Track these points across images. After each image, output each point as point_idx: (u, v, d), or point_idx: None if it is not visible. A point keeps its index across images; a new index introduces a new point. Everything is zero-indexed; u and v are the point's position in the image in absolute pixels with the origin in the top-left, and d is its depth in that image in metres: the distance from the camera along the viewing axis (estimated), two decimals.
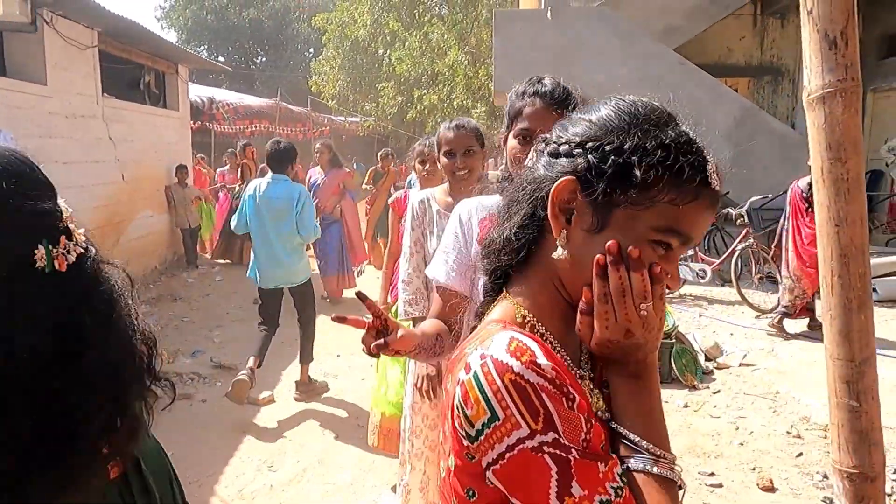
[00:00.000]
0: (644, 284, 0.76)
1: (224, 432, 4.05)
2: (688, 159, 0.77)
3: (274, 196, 4.31)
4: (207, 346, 5.73)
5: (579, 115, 0.86)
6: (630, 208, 0.77)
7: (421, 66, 17.15)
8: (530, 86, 1.55)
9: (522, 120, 1.53)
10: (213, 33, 30.14)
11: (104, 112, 7.35)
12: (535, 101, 1.52)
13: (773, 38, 10.40)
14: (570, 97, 1.52)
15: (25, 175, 1.29)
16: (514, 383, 0.71)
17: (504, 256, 0.89)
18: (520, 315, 0.85)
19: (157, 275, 8.47)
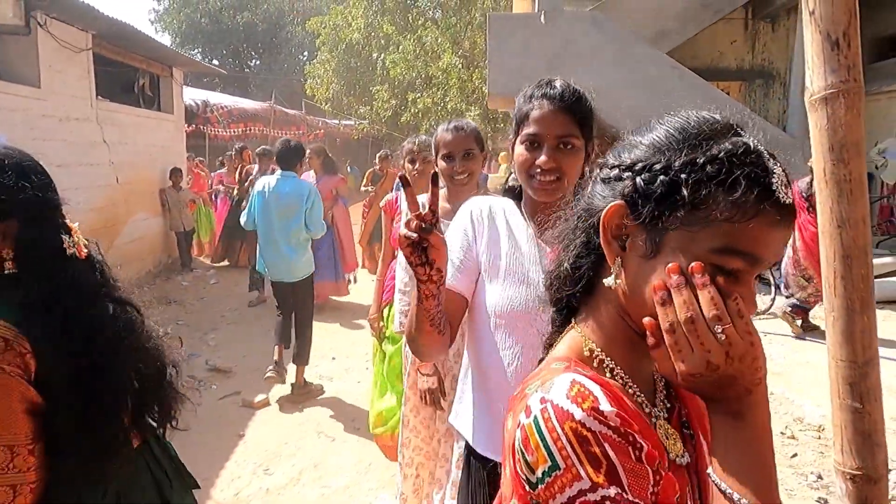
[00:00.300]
0: (715, 304, 0.67)
1: (219, 436, 4.02)
2: (743, 171, 0.69)
3: (283, 192, 4.43)
4: (202, 349, 5.69)
5: (633, 138, 0.82)
6: (684, 230, 0.71)
7: (415, 69, 17.15)
8: (538, 88, 1.43)
9: (530, 125, 1.41)
10: (208, 36, 30.06)
11: (98, 115, 7.31)
12: (543, 104, 1.40)
13: (764, 41, 10.45)
14: (582, 99, 1.42)
15: (44, 171, 1.38)
16: (575, 432, 0.67)
17: (566, 287, 0.85)
18: (587, 348, 0.81)
19: (152, 278, 8.42)
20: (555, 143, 1.39)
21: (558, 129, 1.38)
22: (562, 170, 1.39)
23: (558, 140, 1.39)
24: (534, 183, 1.42)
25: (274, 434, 4.08)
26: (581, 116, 1.41)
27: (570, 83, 1.44)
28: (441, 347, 1.38)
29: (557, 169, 1.39)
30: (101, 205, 7.31)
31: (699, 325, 0.67)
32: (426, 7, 19.21)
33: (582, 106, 1.41)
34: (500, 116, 16.45)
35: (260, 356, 5.51)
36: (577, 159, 1.42)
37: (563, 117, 1.39)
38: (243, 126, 14.32)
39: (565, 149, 1.40)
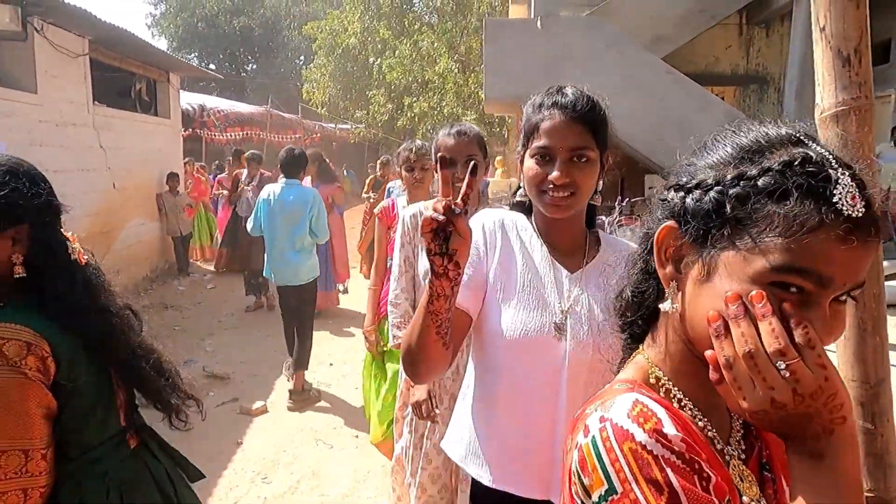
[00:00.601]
0: (777, 336, 0.60)
1: (217, 443, 3.98)
2: (796, 181, 0.62)
3: (288, 199, 4.53)
4: (199, 354, 5.65)
5: (691, 159, 0.76)
6: (737, 249, 0.65)
7: (411, 73, 17.15)
8: (548, 97, 1.32)
9: (540, 136, 1.29)
10: (204, 41, 30.01)
11: (95, 120, 7.26)
12: (554, 114, 1.28)
13: (758, 47, 10.47)
14: (596, 108, 1.30)
15: (46, 178, 1.40)
16: (635, 454, 0.62)
17: (629, 312, 0.82)
18: (653, 376, 0.76)
19: (149, 283, 8.37)
20: (568, 156, 1.28)
21: (571, 142, 1.28)
22: (576, 184, 1.29)
23: (571, 153, 1.28)
24: (546, 199, 1.31)
25: (272, 442, 4.04)
26: (595, 126, 1.30)
27: (582, 90, 1.32)
28: (442, 364, 1.24)
29: (571, 184, 1.28)
30: (98, 210, 7.27)
31: (760, 360, 0.60)
32: (422, 12, 19.23)
33: (596, 115, 1.30)
34: (496, 121, 16.46)
35: (258, 362, 5.48)
36: (592, 173, 1.31)
37: (577, 128, 1.28)
38: (240, 130, 14.27)
39: (579, 162, 1.28)
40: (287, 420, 4.36)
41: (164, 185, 8.85)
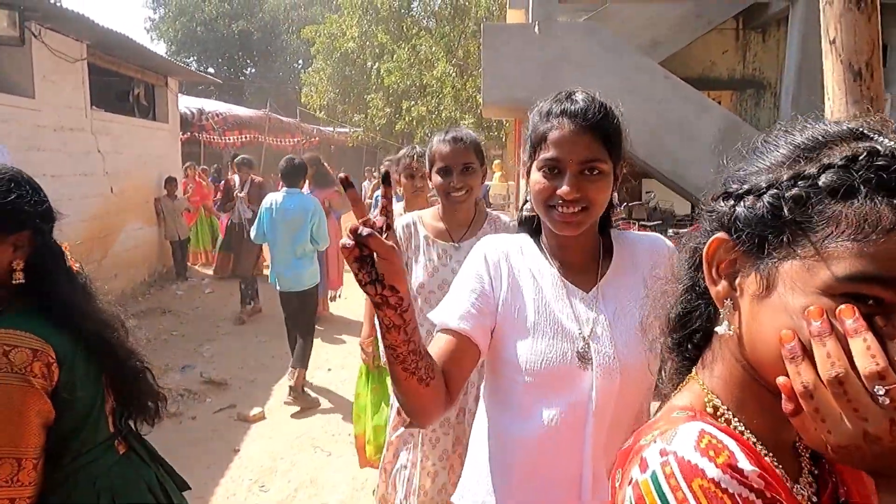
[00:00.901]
0: (875, 356, 0.50)
1: (214, 451, 3.94)
2: (864, 176, 0.55)
3: (289, 208, 4.66)
4: (197, 360, 5.60)
5: (740, 164, 0.69)
6: (801, 257, 0.57)
7: (409, 77, 17.12)
8: (556, 103, 1.20)
9: (549, 148, 1.18)
10: (203, 45, 29.96)
11: (93, 125, 7.22)
12: (563, 122, 1.17)
13: (755, 52, 10.47)
14: (609, 116, 1.19)
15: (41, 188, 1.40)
16: (707, 492, 0.54)
17: (675, 335, 0.73)
18: (710, 404, 0.67)
19: (146, 287, 8.32)
20: (578, 168, 1.17)
21: (582, 153, 1.16)
22: (588, 199, 1.17)
23: (582, 165, 1.17)
24: (554, 215, 1.19)
25: (269, 449, 4.00)
26: (608, 136, 1.18)
27: (594, 96, 1.20)
28: (430, 403, 1.06)
29: (582, 199, 1.17)
30: (96, 214, 7.22)
31: (851, 386, 0.51)
32: (420, 16, 19.21)
33: (609, 123, 1.19)
34: (493, 124, 16.44)
35: (256, 368, 5.44)
36: (606, 186, 1.20)
37: (588, 138, 1.16)
38: (238, 134, 14.22)
39: (591, 175, 1.17)
40: (285, 427, 4.32)
41: (163, 190, 8.81)
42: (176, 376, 5.18)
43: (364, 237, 0.85)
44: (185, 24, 29.36)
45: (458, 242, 2.21)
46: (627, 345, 1.20)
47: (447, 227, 2.22)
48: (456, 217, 2.23)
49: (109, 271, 7.44)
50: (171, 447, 3.97)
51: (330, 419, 4.44)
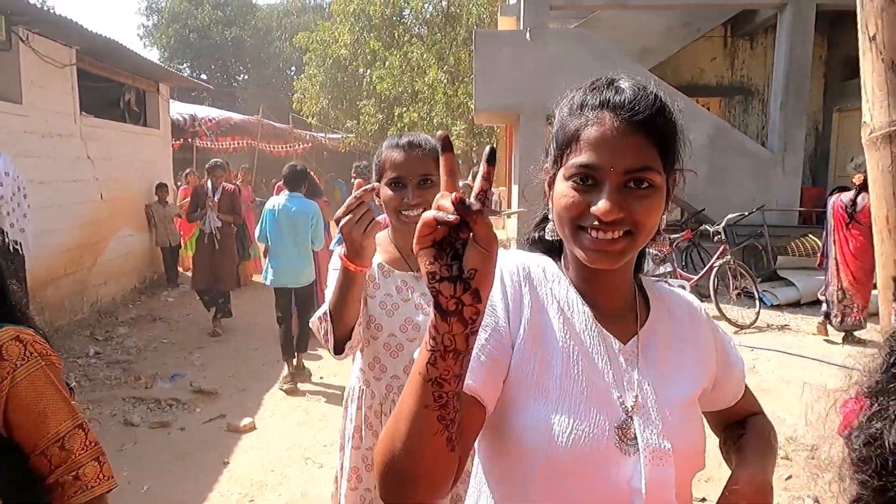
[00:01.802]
0: None
1: (203, 463, 3.79)
2: None
3: (291, 210, 5.03)
4: (187, 368, 5.45)
5: None
6: None
7: (401, 84, 17.02)
8: (594, 92, 0.89)
9: (581, 150, 0.86)
10: (196, 51, 29.77)
11: (82, 131, 7.06)
12: (603, 117, 0.86)
13: (742, 59, 10.45)
14: (665, 110, 0.87)
15: None
16: None
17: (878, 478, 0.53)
18: None
19: (137, 294, 8.15)
20: (622, 180, 0.85)
21: (628, 160, 0.84)
22: (634, 221, 0.85)
23: (628, 176, 0.85)
24: (586, 240, 0.86)
25: (260, 461, 3.86)
26: (664, 137, 0.87)
27: (646, 84, 0.89)
28: (449, 475, 0.77)
29: (626, 220, 0.85)
30: (85, 221, 7.05)
31: None
32: (412, 24, 19.12)
33: (666, 120, 0.87)
34: (484, 130, 16.36)
35: (246, 376, 5.29)
36: (657, 205, 0.87)
37: (637, 140, 0.85)
38: (231, 139, 14.08)
39: (638, 189, 0.85)
40: (275, 438, 4.18)
41: (154, 196, 8.65)
42: (165, 385, 5.03)
43: (473, 211, 0.61)
44: (178, 31, 29.17)
45: (417, 271, 1.73)
46: (680, 422, 0.91)
47: (401, 252, 1.76)
48: (411, 240, 1.62)
49: (99, 278, 7.28)
50: (159, 460, 3.85)
51: (322, 430, 4.30)
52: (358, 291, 1.53)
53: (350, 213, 1.42)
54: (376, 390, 1.77)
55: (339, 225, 1.42)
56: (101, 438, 1.34)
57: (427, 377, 0.68)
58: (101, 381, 5.12)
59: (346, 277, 1.50)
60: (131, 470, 3.66)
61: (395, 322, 1.72)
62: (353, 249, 1.45)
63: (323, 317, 1.58)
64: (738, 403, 1.09)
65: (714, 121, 8.71)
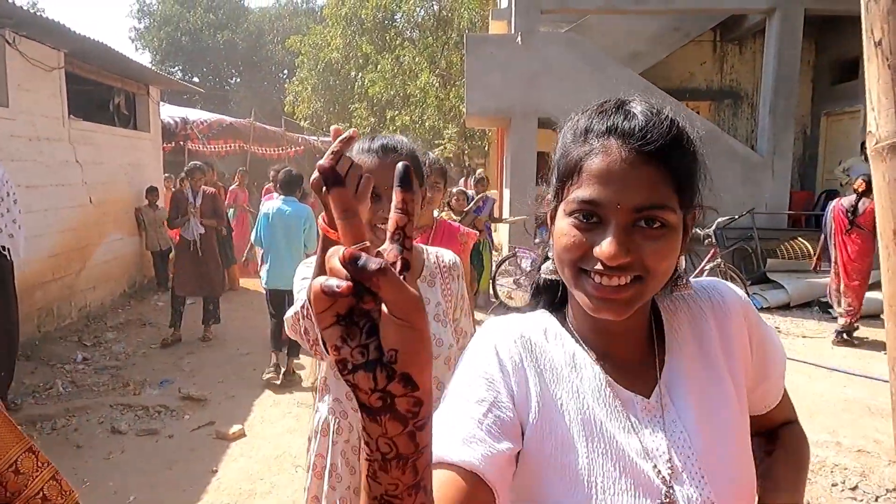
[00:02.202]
0: None
1: (191, 472, 3.71)
2: None
3: (286, 213, 5.14)
4: (176, 374, 5.36)
5: None
6: None
7: (393, 87, 16.99)
8: (601, 116, 0.77)
9: (584, 183, 0.75)
10: (188, 55, 29.61)
11: (71, 134, 6.96)
12: (610, 146, 0.74)
13: (731, 63, 10.47)
14: (683, 138, 0.75)
15: None
16: None
17: None
18: None
19: (126, 298, 8.04)
20: (630, 218, 0.73)
21: (638, 196, 0.72)
22: (644, 265, 0.73)
23: (637, 214, 0.73)
24: (588, 286, 0.75)
25: (248, 469, 3.78)
26: (681, 170, 0.75)
27: (660, 108, 0.77)
28: None
29: (635, 264, 0.73)
30: (74, 225, 6.95)
31: None
32: (404, 28, 19.10)
33: (683, 150, 0.75)
34: (476, 133, 16.33)
35: (236, 382, 5.22)
36: (671, 247, 0.74)
37: (649, 172, 0.72)
38: (223, 142, 13.95)
39: (649, 228, 0.73)
40: (265, 445, 4.11)
41: (144, 200, 8.54)
42: (153, 392, 4.95)
43: (370, 271, 0.43)
44: (169, 34, 29.00)
45: None
46: (729, 468, 0.77)
47: None
48: None
49: (88, 283, 7.17)
50: (146, 469, 3.77)
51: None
52: None
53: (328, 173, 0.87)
54: (356, 423, 1.54)
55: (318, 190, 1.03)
56: (89, 446, 1.31)
57: (372, 495, 0.50)
58: (88, 388, 5.02)
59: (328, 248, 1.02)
60: (118, 479, 3.58)
61: None
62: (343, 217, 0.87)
63: (299, 314, 1.33)
64: (772, 410, 0.92)
65: (704, 125, 8.71)
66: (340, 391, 1.58)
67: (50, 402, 4.70)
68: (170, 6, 29.22)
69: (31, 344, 5.81)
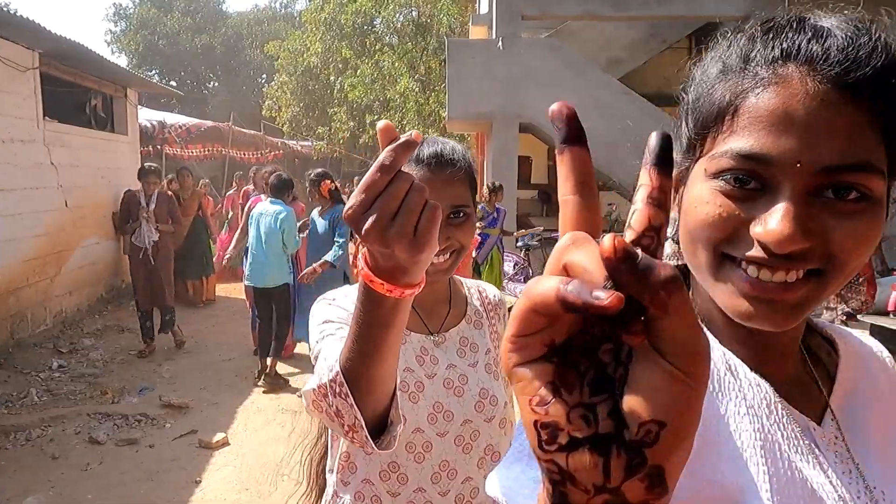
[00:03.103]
0: None
1: (173, 483, 3.56)
2: None
3: (269, 213, 5.14)
4: (156, 381, 5.18)
5: None
6: None
7: (373, 92, 16.86)
8: (774, 35, 0.52)
9: (742, 130, 0.51)
10: (165, 58, 29.13)
11: (46, 136, 6.71)
12: (789, 75, 0.50)
13: None
14: None
15: None
16: None
17: None
18: None
19: (103, 304, 7.78)
20: (814, 183, 0.49)
21: (832, 151, 0.48)
22: (828, 255, 0.50)
23: (826, 178, 0.49)
24: (738, 280, 0.52)
25: (233, 479, 3.64)
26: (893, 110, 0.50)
27: (862, 22, 0.51)
28: None
29: (816, 252, 0.50)
30: (49, 230, 6.70)
31: None
32: (383, 33, 18.99)
33: None
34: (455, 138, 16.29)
35: (218, 388, 5.06)
36: (873, 226, 0.51)
37: (850, 116, 0.48)
38: (201, 146, 13.70)
39: (841, 201, 0.50)
40: (249, 453, 3.97)
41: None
42: (133, 400, 4.77)
43: (660, 280, 0.27)
44: (146, 38, 28.51)
45: (437, 333, 1.23)
46: None
47: (419, 310, 1.21)
48: (431, 293, 1.19)
49: (64, 288, 6.92)
50: (127, 480, 3.60)
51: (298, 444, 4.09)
52: (398, 332, 0.73)
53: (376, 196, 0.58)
54: None
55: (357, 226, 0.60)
56: (65, 458, 1.15)
57: None
58: (64, 396, 4.82)
59: (374, 308, 0.69)
60: (97, 491, 3.41)
61: (420, 410, 1.14)
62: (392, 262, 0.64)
63: (327, 388, 0.79)
64: None
65: None
66: (373, 470, 1.14)
67: (24, 412, 4.49)
68: (146, 10, 28.73)
69: (5, 351, 5.57)
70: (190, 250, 7.57)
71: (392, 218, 0.57)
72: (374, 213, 0.57)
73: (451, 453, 1.15)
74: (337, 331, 1.01)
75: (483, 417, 1.18)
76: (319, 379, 0.81)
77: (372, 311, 0.68)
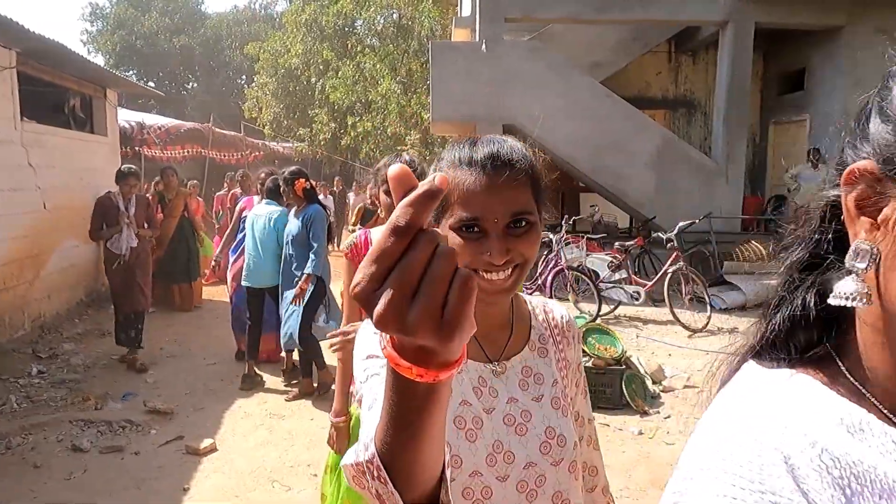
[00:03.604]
0: None
1: (160, 492, 3.46)
2: None
3: (262, 215, 5.18)
4: (140, 387, 5.05)
5: None
6: None
7: (354, 94, 16.75)
8: None
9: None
10: (144, 59, 28.65)
11: (23, 137, 6.52)
12: None
13: (686, 73, 10.68)
14: None
15: None
16: None
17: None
18: None
19: (83, 308, 7.59)
20: None
21: None
22: None
23: None
24: None
25: (222, 485, 3.55)
26: None
27: None
28: None
29: None
30: (27, 232, 6.51)
31: None
32: (364, 35, 18.88)
33: None
34: (437, 140, 16.25)
35: (203, 393, 4.95)
36: None
37: None
38: (181, 148, 13.48)
39: None
40: (238, 459, 3.88)
41: None
42: (116, 406, 4.64)
43: None
44: (123, 38, 28.01)
45: (498, 362, 1.08)
46: None
47: (476, 335, 1.07)
48: (490, 316, 1.07)
49: (42, 292, 6.73)
50: (112, 489, 3.49)
51: (287, 449, 4.02)
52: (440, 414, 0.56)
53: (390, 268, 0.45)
54: None
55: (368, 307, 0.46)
56: (48, 466, 1.07)
57: None
58: (44, 403, 4.67)
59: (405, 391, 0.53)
60: (80, 501, 3.30)
61: (478, 450, 1.00)
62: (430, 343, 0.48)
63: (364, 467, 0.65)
64: None
65: (661, 132, 8.83)
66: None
67: (4, 420, 4.34)
68: (124, 9, 28.22)
69: None
70: (175, 253, 7.41)
71: (412, 295, 0.43)
72: (388, 289, 0.43)
73: (513, 500, 1.00)
74: (381, 369, 0.87)
75: (549, 460, 1.02)
76: (356, 456, 0.68)
77: (404, 396, 0.52)
